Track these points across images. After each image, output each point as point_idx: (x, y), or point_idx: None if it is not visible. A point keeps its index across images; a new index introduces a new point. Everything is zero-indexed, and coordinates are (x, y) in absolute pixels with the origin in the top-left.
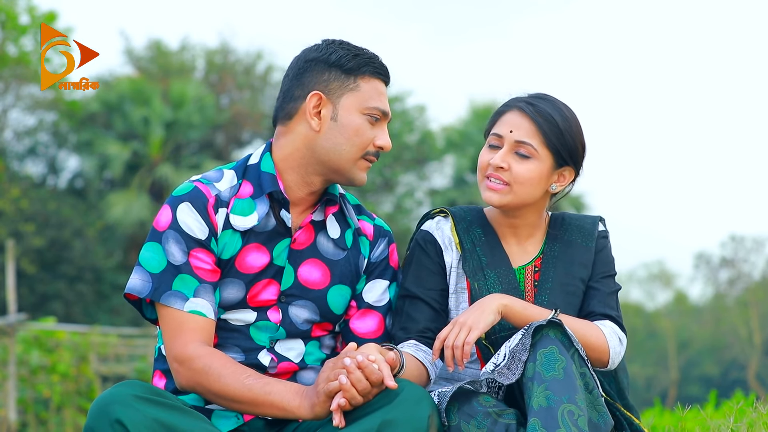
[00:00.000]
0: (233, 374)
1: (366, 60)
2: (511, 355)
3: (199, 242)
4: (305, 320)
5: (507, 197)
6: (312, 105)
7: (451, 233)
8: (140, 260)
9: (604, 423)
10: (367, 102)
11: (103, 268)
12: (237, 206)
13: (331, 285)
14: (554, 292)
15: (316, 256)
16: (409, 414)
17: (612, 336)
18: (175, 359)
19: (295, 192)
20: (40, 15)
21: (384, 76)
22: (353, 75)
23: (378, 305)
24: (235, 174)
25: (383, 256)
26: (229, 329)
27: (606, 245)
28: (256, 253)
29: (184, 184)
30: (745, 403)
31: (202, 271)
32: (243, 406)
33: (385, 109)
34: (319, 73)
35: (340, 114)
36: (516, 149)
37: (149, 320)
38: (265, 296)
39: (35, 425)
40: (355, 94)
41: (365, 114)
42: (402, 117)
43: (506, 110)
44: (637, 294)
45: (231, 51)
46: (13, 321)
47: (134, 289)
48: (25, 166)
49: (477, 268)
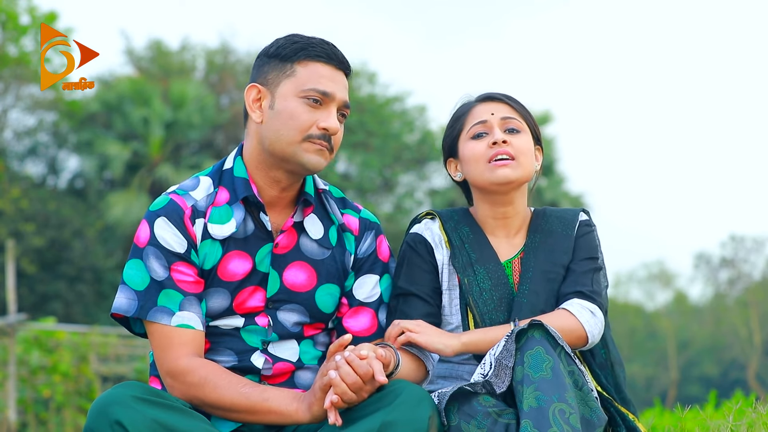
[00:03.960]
0: (229, 384)
1: (302, 45)
2: (497, 362)
3: (179, 256)
4: (295, 323)
5: (518, 170)
6: (251, 98)
7: (440, 231)
8: (124, 278)
9: (597, 419)
10: (304, 85)
11: (103, 268)
12: (214, 214)
13: (318, 285)
14: (535, 280)
15: (301, 258)
16: (410, 415)
17: (582, 312)
18: (168, 374)
19: (267, 192)
20: (40, 15)
21: (326, 58)
22: (290, 61)
23: (369, 301)
24: (211, 181)
25: (371, 250)
26: (220, 333)
27: (588, 233)
28: (237, 260)
29: (160, 198)
30: (744, 403)
31: (185, 284)
32: (241, 415)
33: (324, 89)
34: (261, 66)
35: (277, 101)
36: (505, 126)
37: (138, 335)
38: (252, 303)
39: (35, 425)
40: (291, 79)
41: (302, 97)
42: (402, 117)
43: (471, 106)
44: (637, 294)
45: (231, 51)
46: (13, 321)
47: (121, 309)
48: (25, 166)
49: (466, 263)
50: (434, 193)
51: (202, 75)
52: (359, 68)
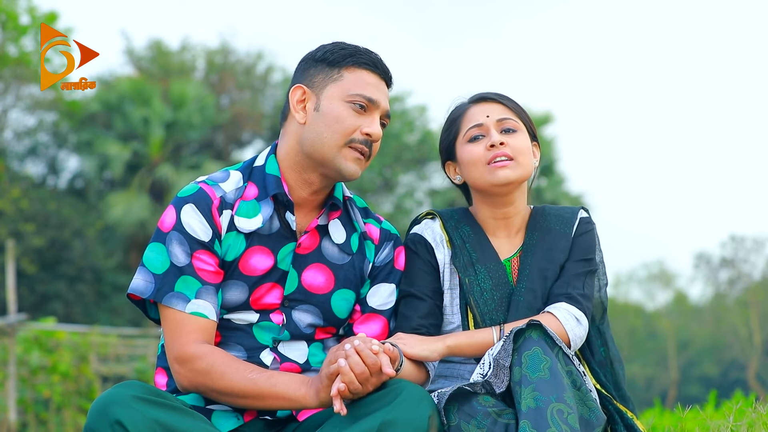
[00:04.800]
0: (237, 370)
1: (351, 52)
2: (495, 362)
3: (203, 244)
4: (309, 324)
5: (517, 170)
6: (296, 99)
7: (441, 230)
8: (144, 261)
9: (595, 418)
10: (350, 90)
11: (103, 269)
12: (242, 208)
13: (335, 290)
14: (532, 278)
15: (321, 260)
16: (410, 414)
17: (568, 319)
18: (176, 360)
19: (298, 193)
20: (40, 15)
21: (372, 66)
22: (337, 66)
23: (382, 309)
24: (241, 175)
25: (388, 259)
26: (232, 328)
27: (587, 231)
28: (259, 256)
29: (189, 185)
30: (744, 404)
31: (204, 273)
32: (249, 401)
33: (370, 96)
34: (306, 69)
35: (323, 104)
36: (501, 127)
37: (152, 320)
38: (269, 300)
39: (35, 425)
40: (338, 83)
41: (348, 102)
42: (402, 117)
43: (465, 109)
44: (637, 294)
45: (231, 51)
46: (13, 321)
47: (137, 290)
48: (25, 166)
49: (467, 263)
50: (434, 193)
51: (202, 75)
52: None
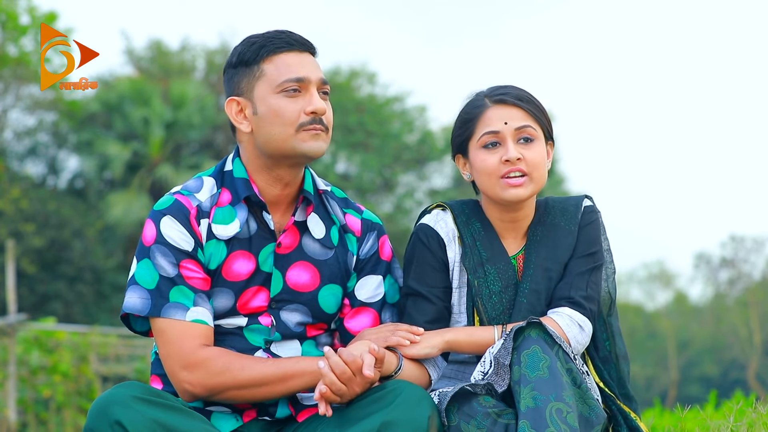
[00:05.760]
0: (255, 361)
1: (261, 43)
2: (496, 360)
3: (187, 253)
4: (298, 323)
5: (530, 187)
6: (234, 112)
7: (453, 225)
8: (135, 278)
9: (595, 417)
10: (276, 80)
11: (103, 269)
12: (218, 215)
13: (321, 286)
14: (536, 279)
15: (304, 258)
16: (409, 415)
17: (570, 326)
18: (186, 367)
19: (269, 191)
20: (40, 15)
21: (287, 46)
22: (255, 64)
23: (371, 302)
24: (214, 181)
25: (373, 251)
26: (223, 332)
27: (591, 221)
28: (241, 260)
29: (164, 198)
30: (744, 404)
31: (195, 281)
32: (269, 388)
33: (297, 76)
34: (230, 79)
35: (258, 106)
36: (518, 136)
37: (138, 333)
38: (256, 303)
39: (35, 425)
40: (262, 80)
41: (279, 93)
42: (402, 117)
43: (483, 109)
44: (637, 294)
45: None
46: (13, 321)
47: (135, 308)
48: (25, 166)
49: (477, 263)
50: (434, 193)
51: (202, 75)
52: (359, 68)
